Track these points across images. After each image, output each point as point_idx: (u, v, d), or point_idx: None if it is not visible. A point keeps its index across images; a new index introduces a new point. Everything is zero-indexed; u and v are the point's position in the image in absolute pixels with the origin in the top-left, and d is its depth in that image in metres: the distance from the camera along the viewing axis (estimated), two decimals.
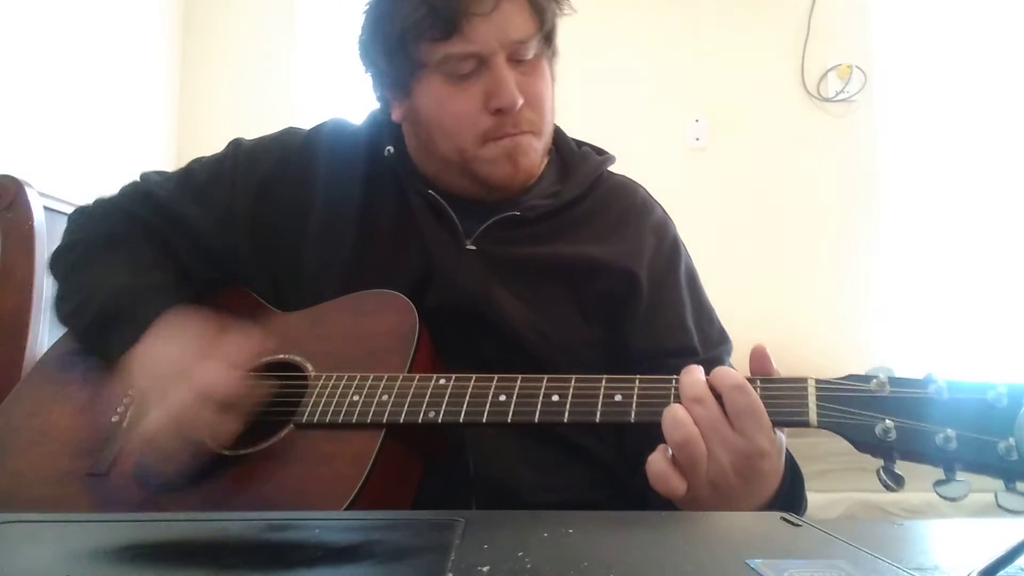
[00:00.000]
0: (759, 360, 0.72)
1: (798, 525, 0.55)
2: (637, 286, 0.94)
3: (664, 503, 0.78)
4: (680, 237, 1.03)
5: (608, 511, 0.63)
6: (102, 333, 0.90)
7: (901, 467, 0.64)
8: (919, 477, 0.63)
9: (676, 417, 0.67)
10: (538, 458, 0.89)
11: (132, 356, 0.86)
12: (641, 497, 0.87)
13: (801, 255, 3.10)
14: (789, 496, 0.74)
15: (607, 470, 0.93)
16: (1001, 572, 0.43)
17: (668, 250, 1.00)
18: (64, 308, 0.97)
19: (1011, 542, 0.44)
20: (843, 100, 3.14)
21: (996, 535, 0.51)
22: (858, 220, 3.10)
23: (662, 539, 0.54)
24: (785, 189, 3.13)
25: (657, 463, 0.67)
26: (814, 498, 2.16)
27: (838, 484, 2.19)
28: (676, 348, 0.93)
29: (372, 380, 0.79)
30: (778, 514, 0.58)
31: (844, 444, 0.67)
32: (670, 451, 0.67)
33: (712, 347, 0.95)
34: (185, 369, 0.80)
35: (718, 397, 0.67)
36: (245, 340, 0.82)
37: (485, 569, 0.42)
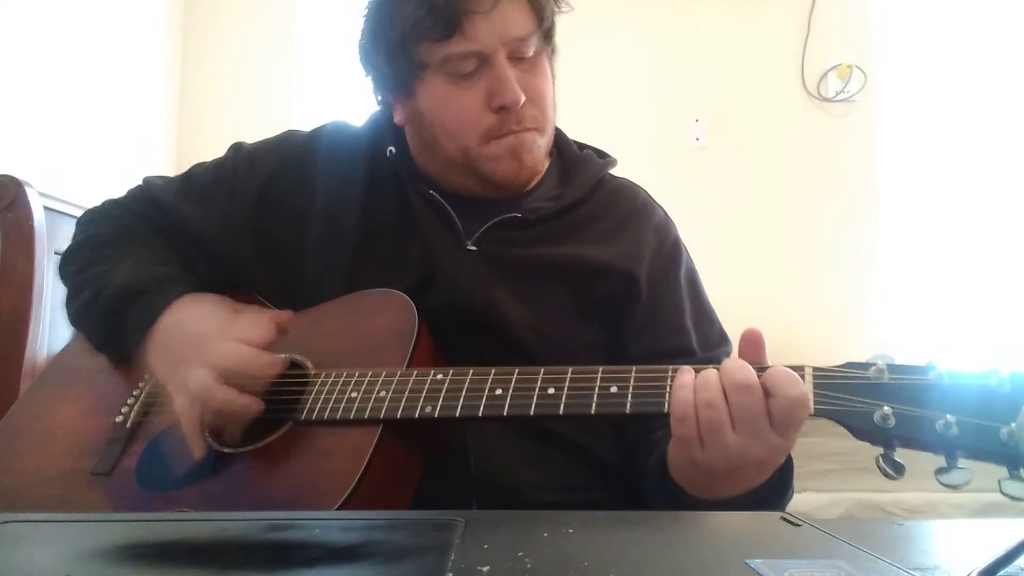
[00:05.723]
0: (752, 344, 0.71)
1: (798, 525, 0.55)
2: (637, 288, 0.94)
3: (662, 497, 0.78)
4: (682, 239, 1.03)
5: (608, 511, 0.63)
6: (114, 323, 0.90)
7: (902, 455, 0.63)
8: (919, 477, 0.63)
9: (685, 403, 0.67)
10: (539, 458, 0.89)
11: (146, 343, 0.87)
12: (637, 490, 0.87)
13: (801, 255, 3.10)
14: (783, 472, 0.74)
15: (608, 470, 0.93)
16: (1001, 572, 0.43)
17: (669, 251, 1.00)
18: (74, 305, 0.96)
19: (1011, 542, 0.44)
20: (843, 100, 3.14)
21: (996, 535, 0.51)
22: (858, 220, 3.10)
23: (662, 539, 0.54)
24: (785, 189, 3.13)
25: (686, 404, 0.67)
26: (814, 498, 2.17)
27: (838, 484, 2.19)
28: (674, 349, 0.93)
29: (371, 376, 0.79)
30: (778, 514, 0.58)
31: (844, 444, 0.67)
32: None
33: (710, 348, 0.95)
34: (200, 350, 0.81)
35: (766, 393, 0.66)
36: (259, 319, 0.84)
37: (485, 569, 0.42)
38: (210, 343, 0.81)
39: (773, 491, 0.74)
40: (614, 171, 1.06)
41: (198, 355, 0.80)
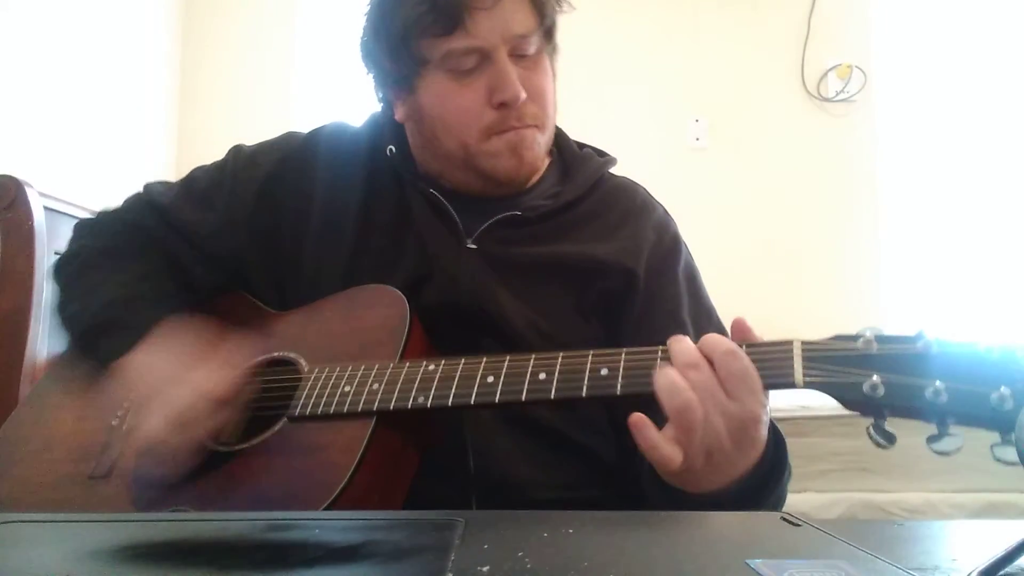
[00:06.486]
0: (740, 333, 0.71)
1: (798, 525, 0.55)
2: (635, 283, 0.95)
3: (662, 498, 0.78)
4: (681, 236, 1.03)
5: (608, 511, 0.63)
6: (96, 341, 0.91)
7: (893, 425, 0.62)
8: (919, 477, 0.63)
9: (672, 382, 0.66)
10: (539, 456, 0.89)
11: (127, 363, 0.87)
12: (637, 488, 0.87)
13: (801, 255, 3.10)
14: (774, 460, 0.74)
15: (608, 469, 0.93)
16: (1001, 572, 0.43)
17: (667, 246, 1.00)
18: (63, 315, 0.98)
19: (1011, 542, 0.44)
20: (843, 100, 3.14)
21: (996, 535, 0.51)
22: (858, 220, 3.10)
23: (662, 539, 0.54)
24: (785, 189, 3.13)
25: (650, 433, 0.66)
26: (814, 498, 2.17)
27: (838, 484, 2.18)
28: None
29: (363, 370, 0.80)
30: (778, 514, 0.58)
31: (844, 444, 0.67)
32: (669, 426, 0.67)
33: None
34: (183, 373, 0.82)
35: (710, 363, 0.67)
36: (241, 342, 0.85)
37: (485, 569, 0.42)
38: (191, 368, 0.82)
39: (764, 483, 0.73)
40: (614, 170, 1.06)
41: (180, 379, 0.81)
